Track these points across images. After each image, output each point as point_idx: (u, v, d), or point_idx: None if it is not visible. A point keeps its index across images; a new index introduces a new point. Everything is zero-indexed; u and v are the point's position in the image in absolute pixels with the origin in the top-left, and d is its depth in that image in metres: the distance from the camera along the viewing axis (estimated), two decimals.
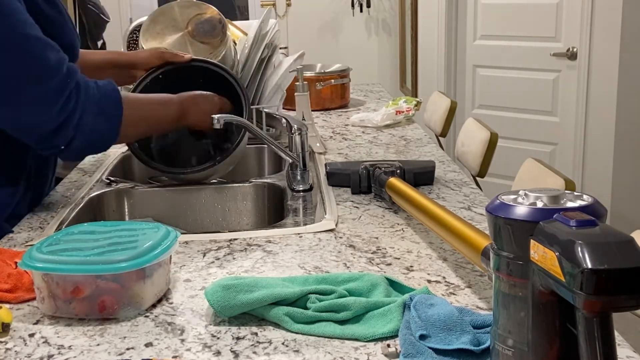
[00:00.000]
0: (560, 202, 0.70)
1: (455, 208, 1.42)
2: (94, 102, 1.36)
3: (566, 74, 3.42)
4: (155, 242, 1.02)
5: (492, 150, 2.41)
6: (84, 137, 1.35)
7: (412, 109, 2.36)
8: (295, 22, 5.02)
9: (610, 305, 0.60)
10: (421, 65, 4.33)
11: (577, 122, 3.37)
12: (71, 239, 1.06)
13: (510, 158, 3.35)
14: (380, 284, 1.00)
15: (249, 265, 1.16)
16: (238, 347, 0.89)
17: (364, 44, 5.09)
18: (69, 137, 1.34)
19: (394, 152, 1.96)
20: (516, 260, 0.70)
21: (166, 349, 0.89)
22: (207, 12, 1.99)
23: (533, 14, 3.53)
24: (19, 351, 0.90)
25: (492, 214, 0.72)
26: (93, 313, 0.98)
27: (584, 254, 0.60)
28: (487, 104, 3.85)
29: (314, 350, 0.88)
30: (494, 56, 3.77)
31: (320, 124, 2.37)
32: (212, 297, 0.95)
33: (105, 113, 1.38)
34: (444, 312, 0.88)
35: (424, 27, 4.22)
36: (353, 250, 1.21)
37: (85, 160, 1.96)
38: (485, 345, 0.83)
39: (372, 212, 1.42)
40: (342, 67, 2.77)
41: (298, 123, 1.61)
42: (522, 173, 2.04)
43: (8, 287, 1.05)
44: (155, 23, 1.98)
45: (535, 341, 0.70)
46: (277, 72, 2.12)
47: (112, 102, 1.40)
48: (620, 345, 0.85)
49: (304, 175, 1.60)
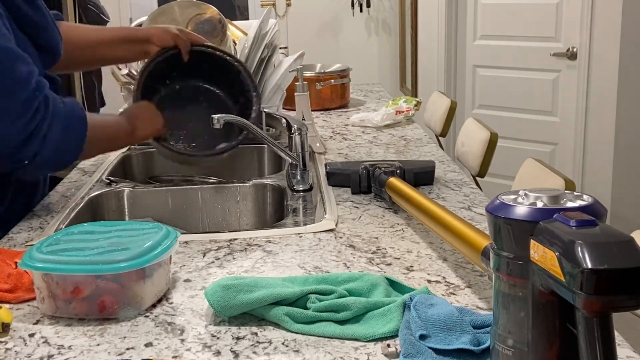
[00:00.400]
0: (560, 202, 0.70)
1: (455, 208, 1.42)
2: (61, 116, 1.34)
3: (566, 74, 3.42)
4: (155, 242, 1.02)
5: (492, 150, 2.41)
6: (49, 151, 1.32)
7: (412, 109, 2.36)
8: (295, 22, 5.02)
9: (610, 305, 0.60)
10: (421, 65, 4.33)
11: (577, 122, 3.37)
12: (71, 239, 1.06)
13: (510, 158, 3.34)
14: (380, 284, 1.00)
15: (249, 265, 1.16)
16: (238, 347, 0.89)
17: (364, 44, 5.09)
18: (35, 151, 1.31)
19: (394, 152, 1.96)
20: (516, 260, 0.70)
21: (166, 349, 0.89)
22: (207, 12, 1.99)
23: (533, 14, 3.53)
24: (19, 351, 0.90)
25: (492, 214, 0.72)
26: (93, 313, 0.98)
27: (584, 254, 0.60)
28: (487, 104, 3.85)
29: (314, 350, 0.88)
30: (494, 56, 3.77)
31: (320, 124, 2.37)
32: (212, 297, 0.95)
33: (71, 129, 1.36)
34: (444, 312, 0.88)
35: (424, 27, 4.22)
36: (353, 250, 1.21)
37: (85, 160, 1.96)
38: (485, 345, 0.83)
39: (372, 212, 1.42)
40: (342, 67, 2.77)
41: (298, 123, 1.61)
42: (522, 173, 2.04)
43: (8, 287, 1.05)
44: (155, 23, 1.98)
45: (535, 341, 0.70)
46: (277, 72, 2.12)
47: (78, 119, 1.38)
48: (620, 345, 0.85)
49: (304, 175, 1.60)
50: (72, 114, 1.37)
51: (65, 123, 1.35)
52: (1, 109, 1.28)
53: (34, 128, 1.29)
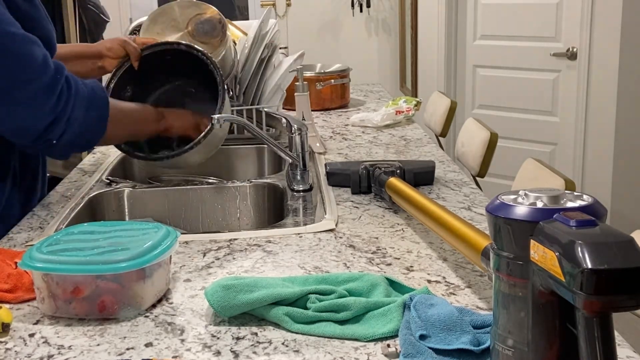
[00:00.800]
0: (560, 202, 0.70)
1: (455, 208, 1.42)
2: (84, 97, 1.39)
3: (566, 74, 3.42)
4: (155, 242, 1.02)
5: (492, 150, 2.41)
6: (74, 131, 1.37)
7: (412, 109, 2.36)
8: (295, 22, 5.02)
9: (610, 305, 0.60)
10: (421, 65, 4.33)
11: (577, 122, 3.37)
12: (71, 239, 1.06)
13: (510, 158, 3.35)
14: (380, 284, 1.00)
15: (249, 265, 1.16)
16: (238, 347, 0.89)
17: (364, 44, 5.09)
18: (61, 132, 1.35)
19: (394, 152, 1.96)
20: (516, 260, 0.70)
21: (166, 349, 0.89)
22: (207, 12, 1.99)
23: (533, 14, 3.53)
24: (19, 351, 0.90)
25: (492, 214, 0.72)
26: (93, 313, 0.98)
27: (584, 254, 0.60)
28: (487, 104, 3.85)
29: (314, 350, 0.88)
30: (494, 56, 3.77)
31: (320, 124, 2.37)
32: (212, 297, 0.95)
33: (94, 108, 1.41)
34: (444, 312, 0.88)
35: (424, 27, 4.22)
36: (353, 250, 1.21)
37: (85, 160, 1.96)
38: (485, 345, 0.83)
39: (372, 212, 1.42)
40: (342, 67, 2.77)
41: (298, 123, 1.61)
42: (522, 173, 2.04)
43: (8, 287, 1.05)
44: (155, 23, 1.98)
45: (535, 341, 0.70)
46: (277, 72, 2.12)
47: (100, 99, 1.43)
48: (620, 345, 0.85)
49: (304, 175, 1.60)
50: (94, 94, 1.42)
51: (87, 103, 1.39)
52: (27, 95, 1.32)
53: (60, 111, 1.34)
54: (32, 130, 1.34)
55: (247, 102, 2.08)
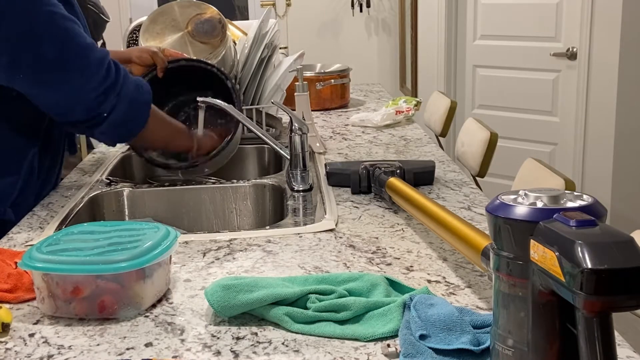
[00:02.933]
0: (560, 202, 0.70)
1: (455, 208, 1.42)
2: (131, 80, 1.49)
3: (566, 74, 3.42)
4: (155, 242, 1.02)
5: (492, 150, 2.41)
6: (123, 109, 1.45)
7: (412, 109, 2.36)
8: (295, 22, 5.02)
9: (610, 305, 0.60)
10: (421, 66, 4.33)
11: (577, 122, 3.37)
12: (71, 239, 1.06)
13: (510, 158, 3.35)
14: (380, 283, 1.00)
15: (249, 265, 1.16)
16: (238, 347, 0.89)
17: (364, 44, 5.09)
18: (112, 105, 1.44)
19: (394, 152, 1.96)
20: (516, 260, 0.70)
21: (166, 349, 0.89)
22: (207, 12, 1.99)
23: (533, 14, 3.53)
24: (19, 351, 0.90)
25: (492, 214, 0.72)
26: (93, 313, 0.98)
27: (584, 254, 0.60)
28: (487, 104, 3.85)
29: (314, 350, 0.88)
30: (494, 56, 3.77)
31: (320, 124, 2.37)
32: (212, 297, 0.95)
33: (140, 92, 1.50)
34: (444, 312, 0.88)
35: (424, 27, 4.22)
36: (353, 250, 1.21)
37: (85, 160, 1.97)
38: (485, 345, 0.83)
39: (372, 212, 1.42)
40: (342, 67, 2.77)
41: (298, 123, 1.61)
42: (522, 173, 2.04)
43: (8, 287, 1.05)
44: (155, 23, 1.98)
45: (535, 341, 0.70)
46: (277, 72, 2.12)
47: (145, 85, 1.53)
48: (620, 345, 0.85)
49: (304, 175, 1.60)
50: (140, 81, 1.53)
51: (135, 85, 1.49)
52: (79, 67, 1.41)
53: (109, 84, 1.43)
54: (84, 98, 1.41)
55: (247, 102, 2.08)
